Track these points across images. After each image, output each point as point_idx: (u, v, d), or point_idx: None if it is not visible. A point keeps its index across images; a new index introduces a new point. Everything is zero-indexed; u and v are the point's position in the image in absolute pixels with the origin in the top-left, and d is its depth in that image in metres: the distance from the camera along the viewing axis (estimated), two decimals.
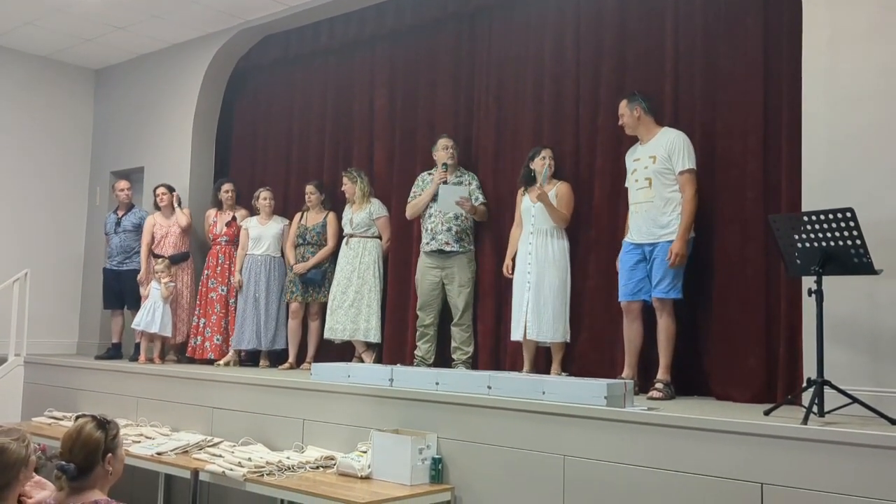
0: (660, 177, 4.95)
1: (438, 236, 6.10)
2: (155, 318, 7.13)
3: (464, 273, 6.09)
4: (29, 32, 8.10)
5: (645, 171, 5.00)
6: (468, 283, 6.09)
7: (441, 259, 6.12)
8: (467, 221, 6.12)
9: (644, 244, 4.98)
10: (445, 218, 6.07)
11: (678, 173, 4.91)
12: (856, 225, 3.72)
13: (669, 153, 4.93)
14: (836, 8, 4.44)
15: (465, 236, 6.10)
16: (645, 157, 5.04)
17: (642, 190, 5.00)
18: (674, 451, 3.80)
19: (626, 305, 5.06)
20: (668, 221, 4.91)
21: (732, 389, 4.88)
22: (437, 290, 6.16)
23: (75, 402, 7.06)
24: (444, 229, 6.08)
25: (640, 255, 5.00)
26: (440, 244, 6.08)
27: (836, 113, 4.37)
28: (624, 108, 5.13)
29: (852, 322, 4.19)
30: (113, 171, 8.88)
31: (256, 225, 7.26)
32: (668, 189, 4.94)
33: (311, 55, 7.62)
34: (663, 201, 4.93)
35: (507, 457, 4.32)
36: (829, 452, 3.40)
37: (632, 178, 5.10)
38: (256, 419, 5.60)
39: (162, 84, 8.44)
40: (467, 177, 6.21)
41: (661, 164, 4.95)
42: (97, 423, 2.71)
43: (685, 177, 4.89)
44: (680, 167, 4.90)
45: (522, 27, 6.21)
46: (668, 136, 5.01)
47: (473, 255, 6.16)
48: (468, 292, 6.09)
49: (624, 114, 5.14)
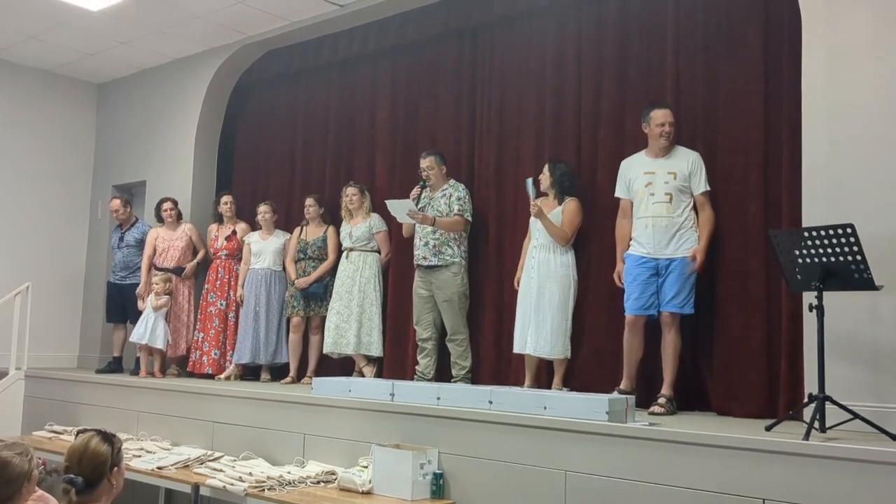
0: (679, 194, 4.99)
1: (417, 251, 6.13)
2: (148, 329, 7.14)
3: (448, 287, 6.03)
4: (32, 47, 8.14)
5: (665, 185, 5.00)
6: (454, 297, 6.03)
7: (426, 274, 6.12)
8: (447, 235, 6.08)
9: (659, 258, 4.98)
10: (424, 233, 6.09)
11: (698, 193, 4.99)
12: (856, 241, 3.73)
13: (690, 173, 4.99)
14: (836, 24, 4.47)
15: (445, 249, 6.05)
16: (663, 172, 5.03)
17: (661, 204, 5.00)
18: (675, 467, 3.79)
19: (633, 320, 5.03)
20: (686, 237, 4.95)
21: (733, 404, 4.88)
22: (429, 304, 6.15)
23: (76, 416, 7.05)
24: (422, 244, 6.10)
25: (654, 269, 4.98)
26: (418, 259, 6.11)
27: (837, 128, 4.40)
28: (671, 116, 5.08)
29: (853, 337, 4.20)
30: (115, 184, 8.90)
31: (258, 239, 7.27)
32: (687, 206, 4.99)
33: (314, 70, 7.66)
34: (683, 218, 4.98)
35: (509, 472, 4.31)
36: (831, 468, 3.39)
37: (645, 191, 5.06)
38: (257, 433, 5.59)
39: (164, 98, 8.47)
40: (450, 189, 6.20)
41: (681, 181, 4.99)
42: (103, 437, 2.73)
43: (705, 197, 5.00)
44: (701, 188, 5.00)
45: (524, 42, 6.25)
46: (689, 157, 5.05)
47: (461, 269, 6.09)
48: (456, 306, 6.03)
49: (672, 122, 5.08)
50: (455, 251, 6.07)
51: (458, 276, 6.07)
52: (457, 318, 6.05)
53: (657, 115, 5.07)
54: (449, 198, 6.13)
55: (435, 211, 6.10)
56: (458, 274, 6.06)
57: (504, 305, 6.06)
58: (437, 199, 6.17)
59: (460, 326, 6.07)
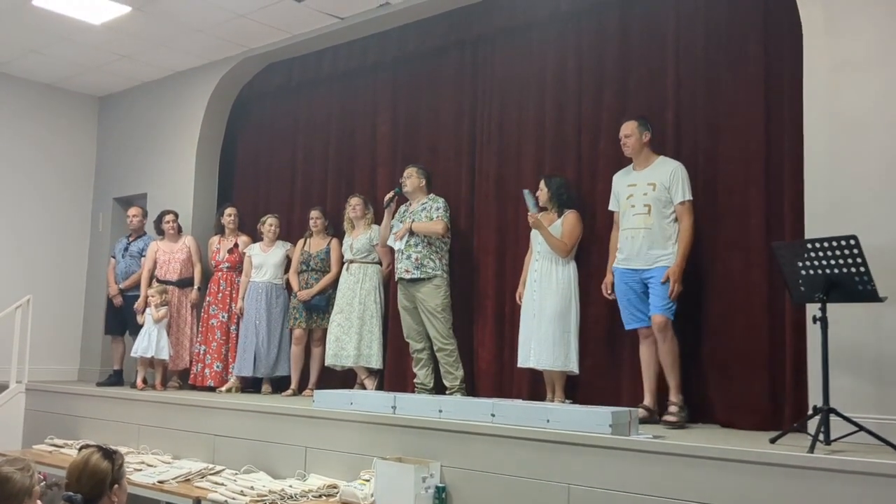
0: (658, 204, 4.97)
1: (399, 265, 6.13)
2: (151, 342, 7.12)
3: (431, 299, 6.02)
4: (34, 60, 8.16)
5: (644, 197, 5.01)
6: (437, 309, 6.01)
7: (409, 287, 6.12)
8: (430, 246, 6.08)
9: (641, 269, 4.98)
10: (406, 245, 6.09)
11: (678, 203, 4.95)
12: (860, 252, 3.72)
13: (670, 183, 4.97)
14: (837, 35, 4.48)
15: (427, 262, 6.04)
16: (643, 184, 5.05)
17: (641, 216, 5.00)
18: (679, 480, 3.77)
19: (640, 332, 5.04)
20: (665, 247, 4.93)
21: (737, 417, 4.87)
22: (416, 316, 6.14)
23: (76, 429, 7.02)
24: (404, 257, 6.10)
25: (637, 280, 5.00)
26: (400, 273, 6.11)
27: (838, 140, 4.40)
28: (634, 129, 5.10)
29: (857, 349, 4.18)
30: (116, 197, 8.92)
31: (259, 252, 7.26)
32: (667, 217, 4.97)
33: (315, 82, 7.68)
34: (662, 228, 4.95)
35: (512, 485, 4.29)
36: (836, 481, 3.38)
37: (627, 203, 5.09)
38: (259, 447, 5.57)
39: (165, 111, 8.48)
40: (429, 202, 6.21)
41: (660, 192, 4.97)
42: (104, 454, 2.71)
43: (684, 207, 4.95)
44: (679, 198, 4.95)
45: (524, 54, 6.26)
46: (669, 166, 5.03)
47: (444, 281, 6.08)
48: (440, 318, 6.01)
49: (632, 135, 5.10)
50: (437, 264, 6.07)
51: (441, 288, 6.06)
52: (442, 329, 6.02)
53: (621, 129, 5.15)
54: (429, 210, 6.16)
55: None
56: (440, 286, 6.06)
57: (504, 318, 6.05)
58: (416, 213, 6.19)
59: (447, 338, 6.04)
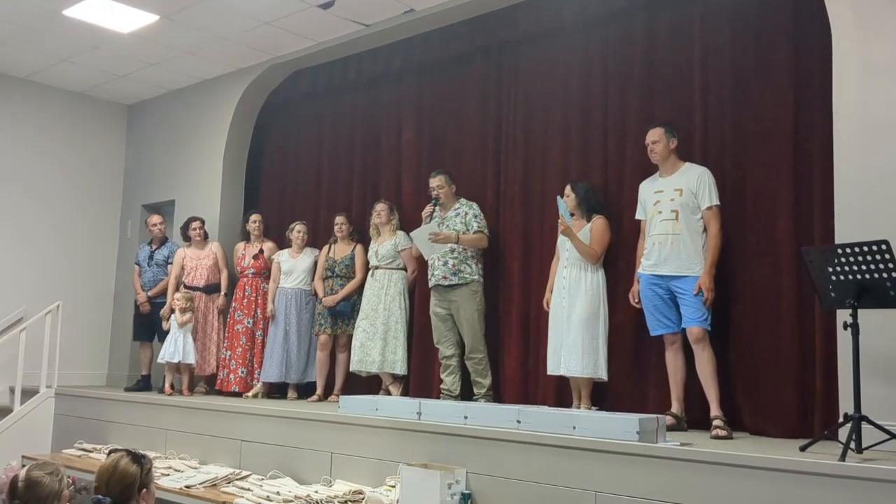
0: (686, 210, 4.94)
1: (436, 272, 6.11)
2: (177, 347, 7.18)
3: (467, 305, 6.02)
4: (64, 69, 8.28)
5: (671, 203, 4.98)
6: (473, 316, 6.02)
7: (444, 293, 6.11)
8: (466, 252, 6.08)
9: (668, 276, 4.94)
10: (442, 252, 6.08)
11: (705, 208, 4.92)
12: (891, 257, 3.67)
13: (697, 189, 4.93)
14: (866, 39, 4.43)
15: (464, 267, 6.04)
16: (670, 190, 5.01)
17: (668, 222, 4.97)
18: (707, 488, 3.73)
19: (666, 338, 5.00)
20: (695, 254, 4.89)
21: (766, 424, 4.81)
22: (448, 322, 6.13)
23: (105, 434, 7.10)
24: (440, 264, 6.08)
25: (666, 287, 4.96)
26: (437, 279, 6.09)
27: (868, 144, 4.35)
28: (661, 135, 5.06)
29: (889, 356, 4.12)
30: (144, 204, 9.00)
31: (288, 258, 7.30)
32: (695, 223, 4.93)
33: (340, 89, 7.71)
34: (691, 235, 4.92)
35: (537, 492, 4.27)
36: (868, 490, 3.33)
37: (654, 210, 5.06)
38: (285, 452, 5.59)
39: (193, 118, 8.57)
40: (463, 207, 6.20)
41: (687, 197, 4.94)
42: (132, 458, 2.72)
43: (712, 212, 4.91)
44: (707, 203, 4.92)
45: (550, 60, 6.24)
46: (695, 172, 5.00)
47: (479, 286, 6.09)
48: (475, 325, 6.02)
49: (659, 141, 5.06)
50: (473, 269, 6.07)
51: (477, 293, 6.07)
52: (476, 335, 6.03)
53: (647, 136, 5.12)
54: (464, 216, 6.13)
55: (451, 230, 6.10)
56: (476, 292, 6.07)
57: (530, 324, 6.02)
58: (450, 219, 6.18)
59: (479, 344, 6.04)
